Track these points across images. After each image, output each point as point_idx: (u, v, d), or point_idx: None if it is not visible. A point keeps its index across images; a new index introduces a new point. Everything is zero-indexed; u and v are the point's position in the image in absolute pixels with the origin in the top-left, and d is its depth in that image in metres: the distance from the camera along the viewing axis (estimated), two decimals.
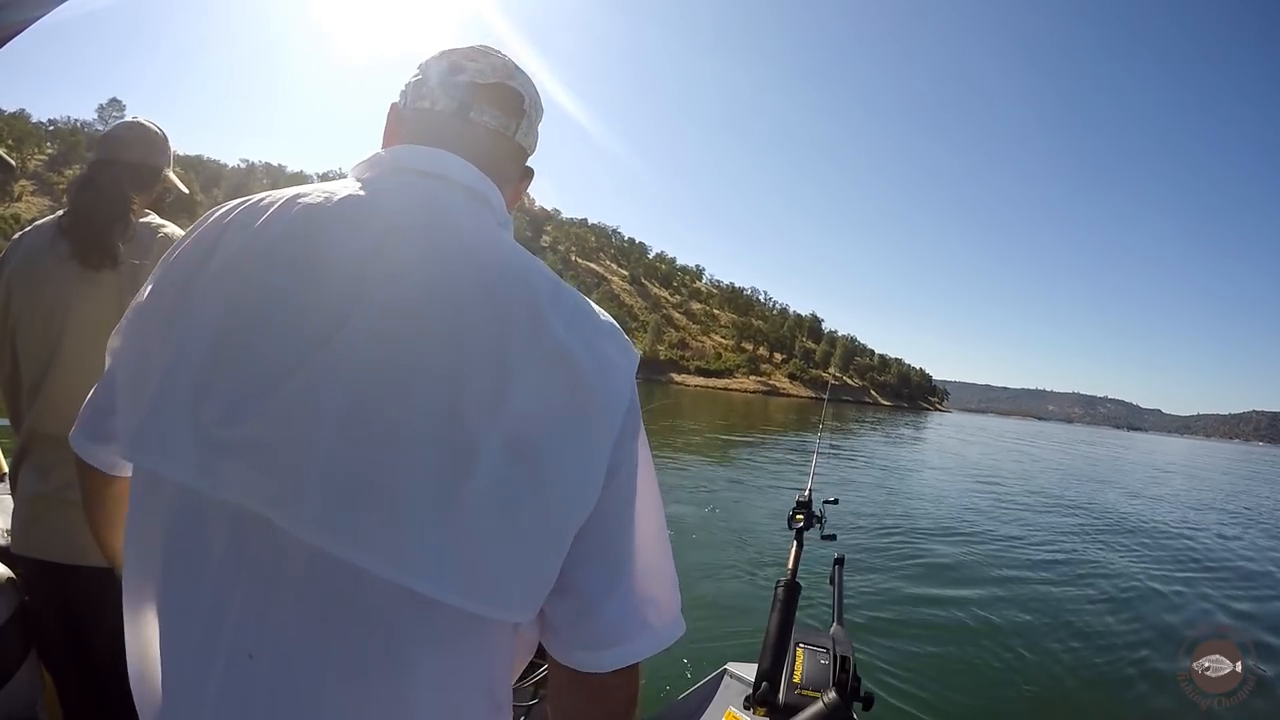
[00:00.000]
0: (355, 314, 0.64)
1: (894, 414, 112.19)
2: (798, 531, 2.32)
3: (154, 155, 1.89)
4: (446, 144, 0.80)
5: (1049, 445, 49.95)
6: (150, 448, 0.67)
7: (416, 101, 0.83)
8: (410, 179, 0.76)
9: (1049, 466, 29.31)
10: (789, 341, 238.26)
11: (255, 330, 0.65)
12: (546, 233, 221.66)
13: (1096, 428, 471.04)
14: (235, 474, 0.63)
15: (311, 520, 0.60)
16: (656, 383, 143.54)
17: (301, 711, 0.63)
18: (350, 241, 0.67)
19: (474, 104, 0.82)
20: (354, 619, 0.62)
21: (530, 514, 0.62)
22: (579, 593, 0.67)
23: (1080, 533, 12.43)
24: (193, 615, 0.66)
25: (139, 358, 0.73)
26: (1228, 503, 21.36)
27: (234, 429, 0.63)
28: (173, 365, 0.66)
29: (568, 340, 0.66)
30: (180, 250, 0.75)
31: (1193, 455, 70.22)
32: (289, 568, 0.62)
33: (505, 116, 0.84)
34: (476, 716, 0.69)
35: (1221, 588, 9.17)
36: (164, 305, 0.71)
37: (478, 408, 0.61)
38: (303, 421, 0.61)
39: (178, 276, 0.72)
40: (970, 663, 5.50)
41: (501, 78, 0.84)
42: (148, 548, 0.70)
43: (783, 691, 1.84)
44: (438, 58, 0.85)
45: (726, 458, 18.16)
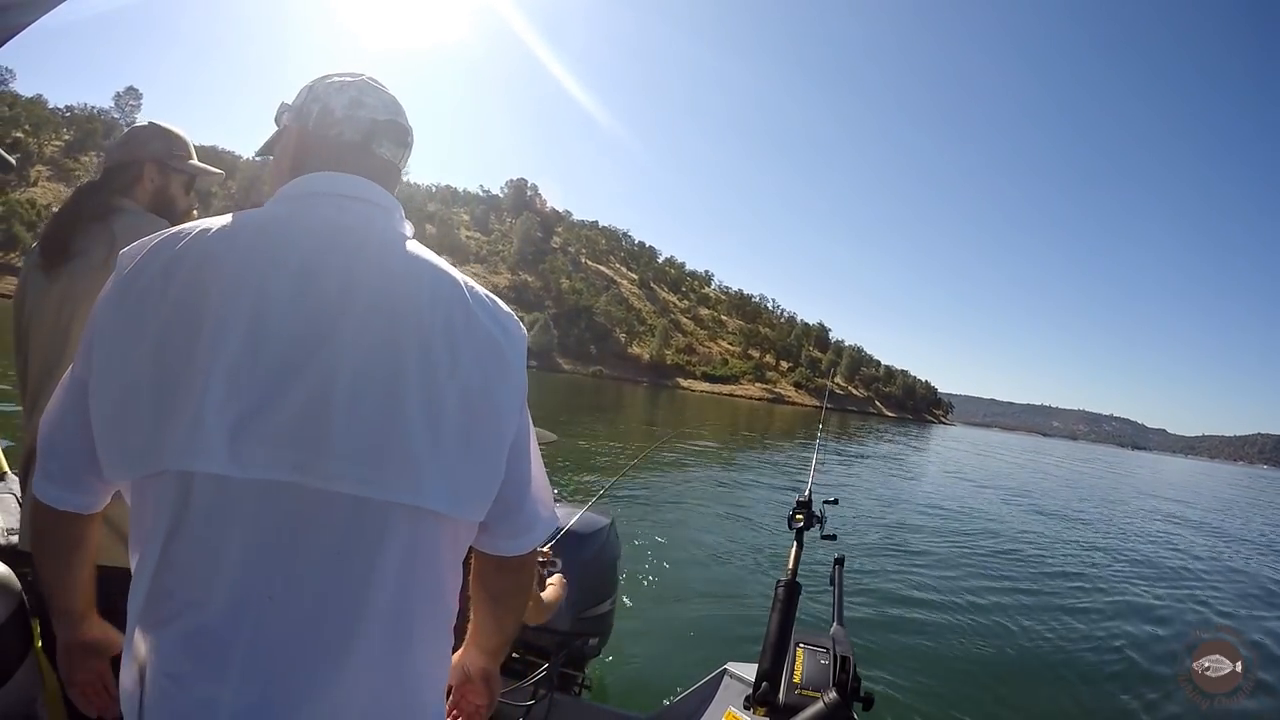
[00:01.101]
0: (345, 316, 0.86)
1: (898, 425, 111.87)
2: (798, 532, 2.33)
3: (127, 150, 1.89)
4: (358, 171, 1.00)
5: (1026, 461, 49.73)
6: (184, 453, 0.82)
7: (324, 130, 1.01)
8: (347, 204, 0.96)
9: (1041, 479, 29.29)
10: (795, 350, 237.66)
11: (268, 341, 0.84)
12: (557, 234, 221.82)
13: (1101, 445, 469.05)
14: (262, 456, 0.83)
15: (343, 477, 0.84)
16: (662, 387, 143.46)
17: (325, 633, 0.86)
18: (329, 259, 0.89)
19: (375, 137, 1.02)
20: (358, 538, 0.86)
21: (481, 444, 0.93)
22: (504, 497, 0.99)
23: (1080, 540, 12.50)
24: (219, 579, 0.84)
25: (136, 385, 0.85)
26: (1223, 523, 21.34)
27: (260, 422, 0.83)
28: (203, 380, 0.82)
29: (488, 323, 0.95)
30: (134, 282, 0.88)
31: (1192, 477, 69.81)
32: (302, 519, 0.84)
33: (397, 149, 1.06)
34: (446, 583, 0.98)
35: (1220, 591, 9.27)
36: (161, 327, 0.85)
37: (441, 376, 0.88)
38: (321, 405, 0.83)
39: (158, 312, 0.85)
40: (970, 663, 5.55)
41: (394, 115, 1.05)
42: (160, 534, 0.85)
43: (783, 691, 1.83)
44: (336, 89, 1.02)
45: (728, 461, 18.24)
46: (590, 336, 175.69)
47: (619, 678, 4.21)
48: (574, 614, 2.80)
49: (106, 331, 0.88)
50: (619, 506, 8.42)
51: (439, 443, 0.88)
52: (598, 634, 2.97)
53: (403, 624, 0.91)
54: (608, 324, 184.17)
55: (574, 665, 2.93)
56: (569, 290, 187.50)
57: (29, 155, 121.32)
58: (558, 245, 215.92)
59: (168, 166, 1.92)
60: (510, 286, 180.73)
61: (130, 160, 1.88)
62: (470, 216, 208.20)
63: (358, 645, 0.87)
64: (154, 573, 0.86)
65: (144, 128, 1.95)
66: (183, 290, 0.85)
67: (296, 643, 0.85)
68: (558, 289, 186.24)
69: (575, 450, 14.89)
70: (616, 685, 4.11)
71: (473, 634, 1.24)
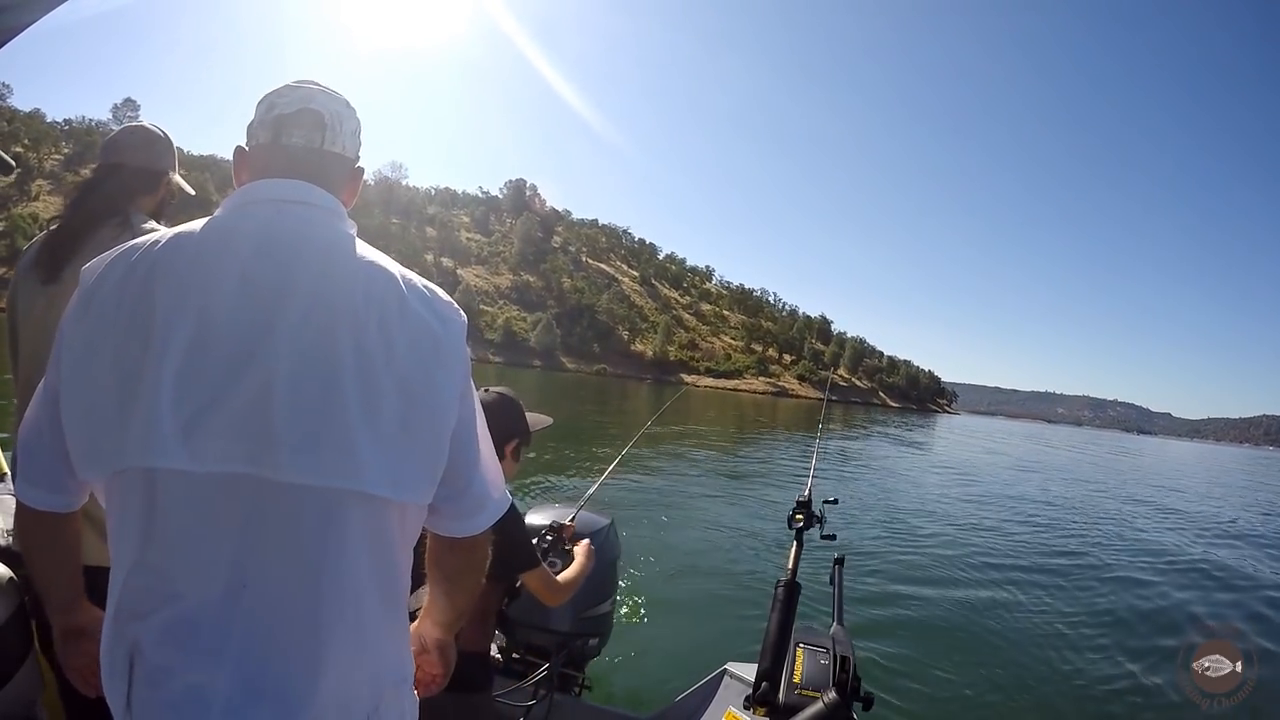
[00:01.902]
0: (282, 316, 0.91)
1: (902, 416, 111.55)
2: (798, 531, 2.33)
3: (156, 158, 1.89)
4: (270, 170, 1.05)
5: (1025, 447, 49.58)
6: (145, 451, 0.89)
7: (249, 143, 1.08)
8: (285, 208, 1.01)
9: (1045, 469, 29.24)
10: (798, 343, 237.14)
11: (213, 343, 0.90)
12: (557, 233, 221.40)
13: (1106, 431, 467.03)
14: (216, 450, 0.89)
15: (289, 466, 0.89)
16: (666, 383, 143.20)
17: (296, 615, 0.93)
18: (267, 262, 0.95)
19: (282, 130, 1.06)
20: (314, 525, 0.93)
21: (420, 430, 0.98)
22: (450, 480, 1.04)
23: (1083, 535, 12.44)
24: (194, 571, 0.92)
25: (100, 391, 0.93)
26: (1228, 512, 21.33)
27: (210, 418, 0.89)
28: (155, 383, 0.89)
29: (423, 312, 1.00)
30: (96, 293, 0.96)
31: (1198, 460, 69.41)
32: (261, 509, 0.91)
33: (308, 133, 1.06)
34: (400, 562, 1.05)
35: (1222, 594, 9.20)
36: (118, 337, 0.92)
37: (378, 366, 0.94)
38: (263, 399, 0.89)
39: (115, 322, 0.93)
40: (970, 663, 5.55)
41: (302, 104, 1.07)
42: (134, 531, 0.93)
43: (783, 691, 1.84)
44: (260, 102, 1.08)
45: (730, 458, 18.29)
46: (593, 335, 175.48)
47: (619, 678, 4.23)
48: (574, 614, 2.83)
49: (73, 342, 0.96)
50: (619, 506, 8.43)
51: (378, 430, 0.93)
52: (598, 634, 3.00)
53: (363, 603, 0.97)
54: (610, 322, 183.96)
55: (574, 665, 2.96)
56: (571, 289, 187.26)
57: (29, 170, 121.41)
58: (558, 244, 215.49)
59: (172, 178, 1.94)
60: (512, 287, 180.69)
61: (153, 169, 1.88)
62: (470, 218, 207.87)
63: (326, 625, 0.94)
64: (130, 568, 0.93)
65: (164, 138, 1.93)
66: (135, 300, 0.93)
67: (274, 627, 0.92)
68: (559, 288, 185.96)
69: (577, 450, 14.92)
70: (616, 685, 4.13)
71: (427, 608, 1.29)
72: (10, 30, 1.46)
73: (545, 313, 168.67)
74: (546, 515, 2.91)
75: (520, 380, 54.40)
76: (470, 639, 1.92)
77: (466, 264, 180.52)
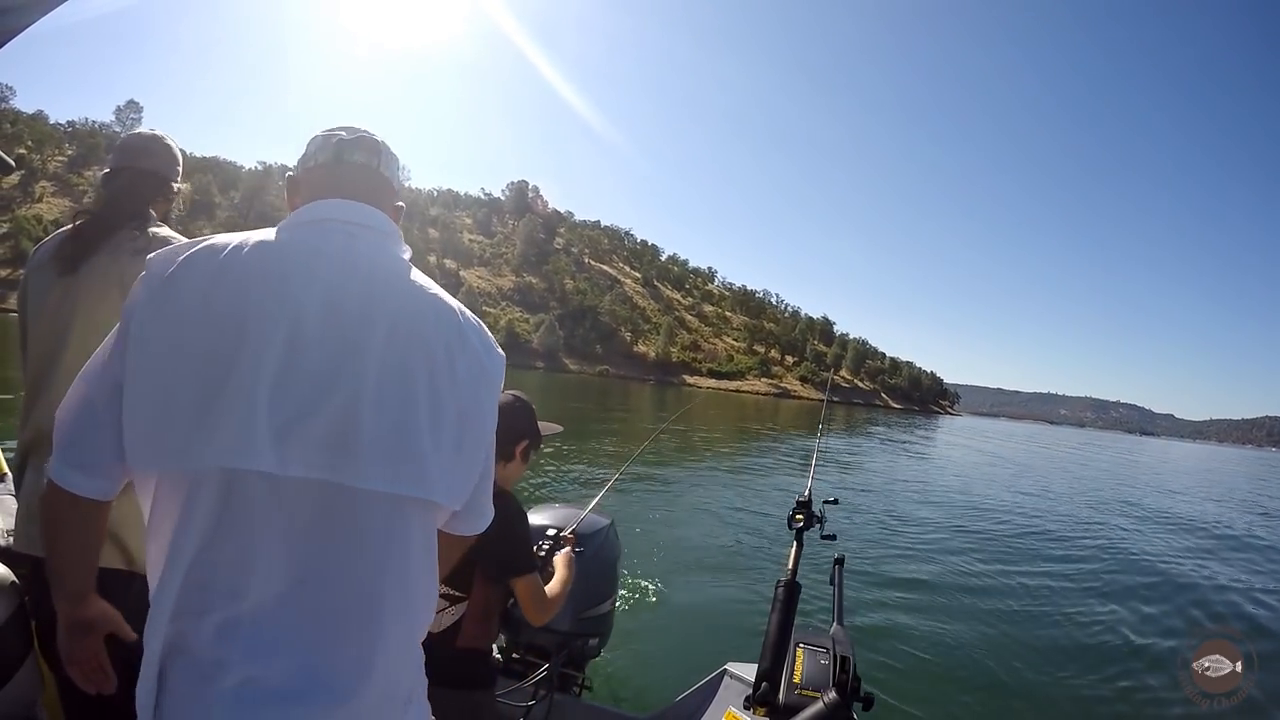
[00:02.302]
0: (367, 338, 1.02)
1: (904, 417, 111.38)
2: (798, 532, 2.32)
3: (167, 166, 1.97)
4: (332, 187, 1.15)
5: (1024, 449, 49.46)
6: (233, 452, 0.95)
7: (305, 164, 1.20)
8: (356, 231, 1.11)
9: (1048, 468, 29.19)
10: (800, 344, 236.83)
11: (304, 357, 0.98)
12: (559, 235, 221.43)
13: (1109, 432, 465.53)
14: (303, 457, 0.97)
15: (368, 475, 1.00)
16: (669, 384, 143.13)
17: (354, 610, 1.02)
18: (349, 284, 1.04)
19: (344, 151, 1.18)
20: (382, 527, 1.04)
21: (470, 447, 1.13)
22: (476, 489, 1.21)
23: (1083, 536, 12.44)
24: (260, 568, 0.98)
25: (181, 387, 0.96)
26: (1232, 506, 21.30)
27: (305, 422, 0.98)
28: (250, 388, 0.95)
29: (476, 344, 1.14)
30: (176, 292, 0.99)
31: (1201, 462, 69.19)
32: (331, 512, 1.00)
33: (370, 155, 1.19)
34: (434, 560, 1.15)
35: (1223, 595, 9.16)
36: (206, 338, 0.97)
37: (443, 390, 1.07)
38: (351, 414, 0.99)
39: (205, 322, 0.97)
40: (970, 663, 5.56)
41: (360, 133, 1.21)
42: (198, 528, 0.97)
43: (783, 691, 1.83)
44: (313, 139, 1.21)
45: (731, 458, 18.20)
46: (596, 336, 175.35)
47: (619, 678, 4.24)
48: (574, 614, 2.82)
49: (148, 333, 0.98)
50: (619, 507, 8.43)
51: (440, 446, 1.06)
52: (598, 634, 2.99)
53: (408, 597, 1.08)
54: (613, 323, 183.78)
55: (574, 665, 2.95)
56: (573, 291, 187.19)
57: (33, 171, 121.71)
58: (560, 246, 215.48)
59: (178, 190, 2.01)
60: (515, 288, 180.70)
61: (168, 176, 1.95)
62: (473, 220, 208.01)
63: (379, 619, 1.03)
64: (190, 565, 0.97)
65: (173, 147, 2.00)
66: (228, 305, 0.98)
67: (331, 621, 1.00)
68: (562, 290, 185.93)
69: (580, 449, 14.92)
70: (616, 685, 4.14)
71: None
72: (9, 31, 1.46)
73: (548, 314, 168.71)
74: (547, 516, 2.92)
75: (523, 382, 54.23)
76: (473, 637, 1.93)
77: (469, 265, 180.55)
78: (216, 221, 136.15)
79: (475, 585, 1.92)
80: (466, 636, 1.92)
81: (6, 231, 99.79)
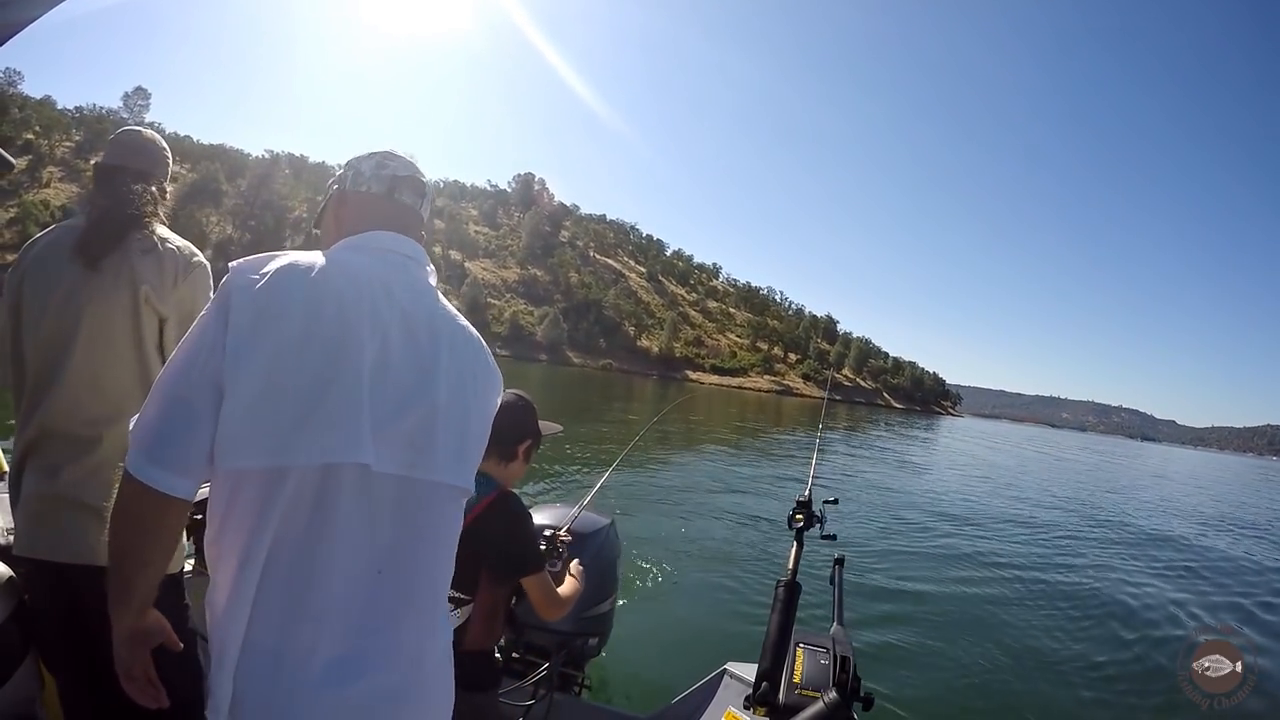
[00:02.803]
0: (437, 359, 1.22)
1: (905, 417, 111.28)
2: (798, 532, 2.32)
3: (161, 168, 1.98)
4: (385, 219, 1.31)
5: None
6: (340, 448, 1.08)
7: (357, 186, 1.33)
8: (410, 265, 1.29)
9: (1046, 470, 29.17)
10: (803, 342, 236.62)
11: (391, 371, 1.16)
12: (565, 228, 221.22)
13: (1110, 437, 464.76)
14: (392, 454, 1.14)
15: (441, 470, 1.20)
16: (672, 379, 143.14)
17: (427, 587, 1.22)
18: (418, 310, 1.24)
19: (397, 188, 1.34)
20: (449, 513, 1.26)
21: (480, 444, 1.33)
22: None
23: (1082, 536, 12.46)
24: (348, 556, 1.10)
25: (289, 392, 1.06)
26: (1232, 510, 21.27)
27: (395, 425, 1.14)
28: (354, 395, 1.09)
29: (492, 364, 1.37)
30: (281, 301, 1.08)
31: (1204, 469, 69.03)
32: (406, 502, 1.17)
33: (415, 198, 1.37)
34: None
35: (1221, 593, 9.23)
36: (313, 344, 1.08)
37: (473, 400, 1.29)
38: (430, 421, 1.19)
39: (312, 335, 1.08)
40: (970, 663, 5.56)
41: (411, 172, 1.37)
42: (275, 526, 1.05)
43: (783, 691, 1.83)
44: (365, 158, 1.36)
45: (732, 457, 18.18)
46: (600, 330, 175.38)
47: (619, 678, 4.23)
48: (574, 614, 2.73)
49: (252, 340, 1.05)
50: (619, 506, 8.46)
51: (470, 444, 1.29)
52: (598, 634, 3.00)
53: (446, 580, 1.28)
54: (617, 317, 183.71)
55: (574, 665, 2.96)
56: (578, 284, 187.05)
57: (40, 156, 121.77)
58: (566, 239, 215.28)
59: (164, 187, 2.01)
60: (520, 281, 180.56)
61: (155, 176, 1.95)
62: (478, 211, 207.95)
63: (442, 594, 1.24)
64: (274, 558, 1.06)
65: (165, 149, 2.02)
66: (331, 321, 1.10)
67: (407, 600, 1.17)
68: (567, 283, 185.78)
69: (583, 446, 14.91)
70: (616, 685, 4.14)
71: None
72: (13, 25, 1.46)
73: (552, 307, 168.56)
74: (548, 516, 2.91)
75: (527, 374, 54.46)
76: (477, 637, 1.93)
77: (474, 257, 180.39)
78: (223, 209, 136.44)
79: (481, 586, 1.92)
80: (473, 638, 1.92)
81: (14, 216, 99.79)
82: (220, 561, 1.09)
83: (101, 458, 1.72)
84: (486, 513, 1.91)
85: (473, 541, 1.84)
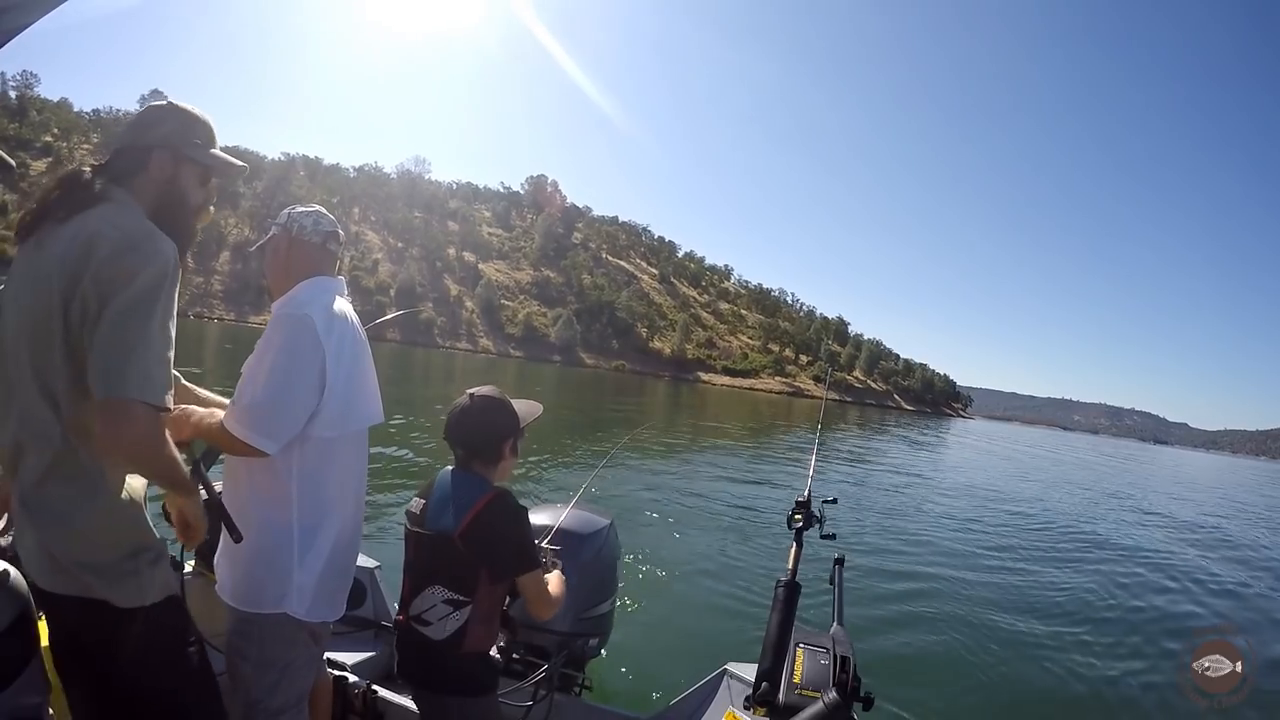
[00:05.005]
0: None
1: (915, 419, 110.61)
2: (797, 532, 2.33)
3: (135, 133, 1.61)
4: (328, 268, 1.94)
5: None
6: (377, 414, 1.92)
7: (300, 236, 1.92)
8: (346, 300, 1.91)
9: (1053, 469, 28.99)
10: (815, 344, 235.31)
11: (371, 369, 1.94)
12: (578, 230, 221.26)
13: (1123, 440, 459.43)
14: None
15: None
16: (684, 380, 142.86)
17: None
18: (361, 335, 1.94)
19: (328, 240, 1.96)
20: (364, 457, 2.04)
21: None
22: None
23: (1082, 537, 12.42)
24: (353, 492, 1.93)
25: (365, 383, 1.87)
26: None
27: None
28: (375, 382, 1.92)
29: None
30: (350, 337, 1.82)
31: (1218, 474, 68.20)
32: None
33: (338, 245, 1.99)
34: None
35: (1223, 600, 9.18)
36: (366, 362, 1.88)
37: None
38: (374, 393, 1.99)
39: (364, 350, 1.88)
40: (970, 663, 5.57)
41: (335, 228, 1.99)
42: (359, 471, 1.93)
43: (783, 691, 1.83)
44: (305, 213, 1.95)
45: (736, 456, 18.24)
46: (612, 332, 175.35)
47: (619, 678, 4.27)
48: (574, 614, 2.87)
49: (341, 356, 1.76)
50: (621, 505, 8.52)
51: None
52: (598, 634, 3.04)
53: None
54: (629, 319, 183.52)
55: (574, 665, 2.99)
56: (591, 286, 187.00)
57: (60, 159, 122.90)
58: (578, 241, 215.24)
59: (181, 154, 1.61)
60: (533, 282, 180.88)
61: (136, 145, 1.58)
62: (492, 213, 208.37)
63: None
64: (355, 498, 1.93)
65: (159, 107, 1.65)
66: (364, 343, 1.88)
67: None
68: (579, 285, 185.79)
69: (584, 444, 14.96)
70: (616, 685, 4.16)
71: None
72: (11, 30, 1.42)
73: (565, 309, 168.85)
74: (546, 516, 2.96)
75: (540, 375, 54.64)
76: (477, 640, 1.94)
77: (488, 259, 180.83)
78: (241, 211, 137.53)
79: (481, 587, 1.92)
80: (473, 641, 1.93)
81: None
82: (327, 501, 1.81)
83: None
84: (483, 513, 1.91)
85: (472, 542, 1.89)
